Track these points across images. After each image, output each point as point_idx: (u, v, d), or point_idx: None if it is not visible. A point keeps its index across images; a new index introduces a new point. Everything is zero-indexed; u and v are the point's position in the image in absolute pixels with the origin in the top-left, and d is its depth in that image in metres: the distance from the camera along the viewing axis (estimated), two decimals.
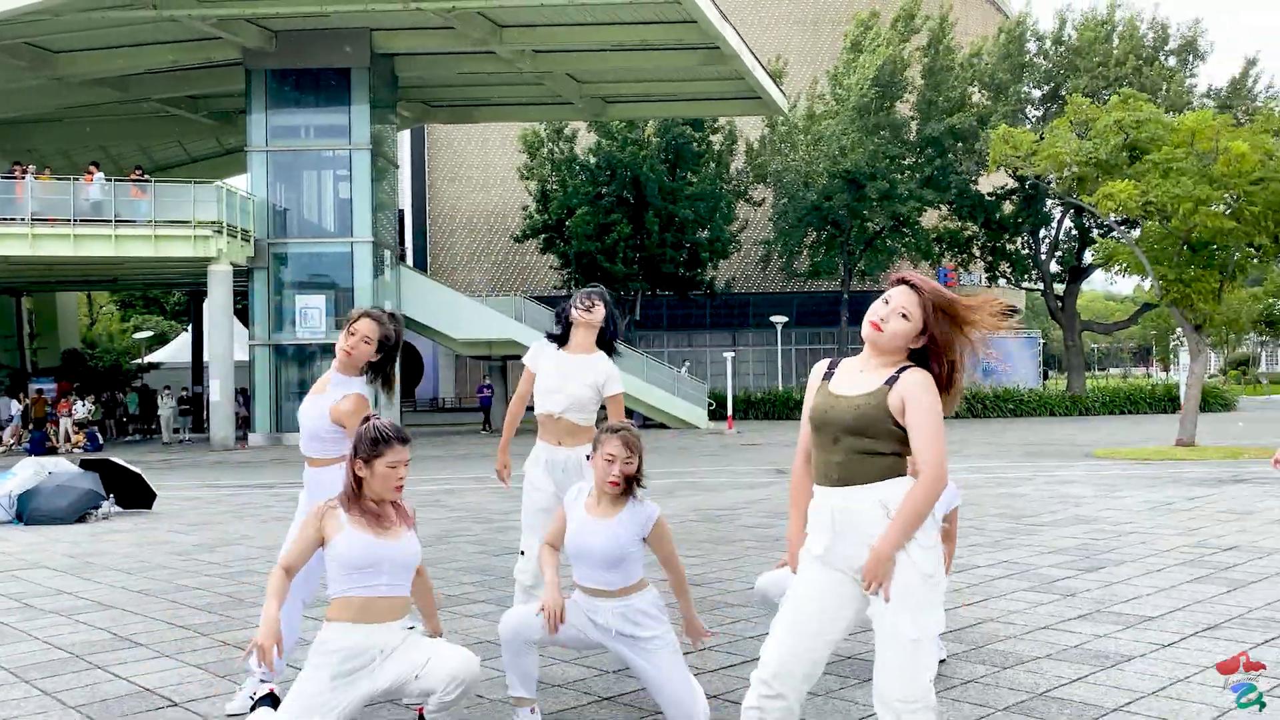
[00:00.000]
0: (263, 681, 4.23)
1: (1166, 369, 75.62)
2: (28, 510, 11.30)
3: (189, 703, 4.58)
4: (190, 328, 39.85)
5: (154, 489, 12.66)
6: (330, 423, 4.34)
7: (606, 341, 4.99)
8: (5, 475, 11.73)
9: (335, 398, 4.36)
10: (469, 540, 9.53)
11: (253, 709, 3.88)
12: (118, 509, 12.13)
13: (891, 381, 3.01)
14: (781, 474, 15.79)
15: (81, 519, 11.44)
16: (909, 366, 3.04)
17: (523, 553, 4.91)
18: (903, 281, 3.09)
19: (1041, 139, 19.38)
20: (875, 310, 3.08)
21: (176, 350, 41.83)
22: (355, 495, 3.66)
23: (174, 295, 54.65)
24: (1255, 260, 19.50)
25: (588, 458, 4.39)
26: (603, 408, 5.01)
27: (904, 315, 3.03)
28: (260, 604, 6.60)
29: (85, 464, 12.34)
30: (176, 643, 5.73)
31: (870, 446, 3.01)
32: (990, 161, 20.43)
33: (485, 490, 14.35)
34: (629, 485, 3.98)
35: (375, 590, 3.59)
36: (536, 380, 4.94)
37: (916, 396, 2.96)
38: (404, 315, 31.71)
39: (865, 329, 3.09)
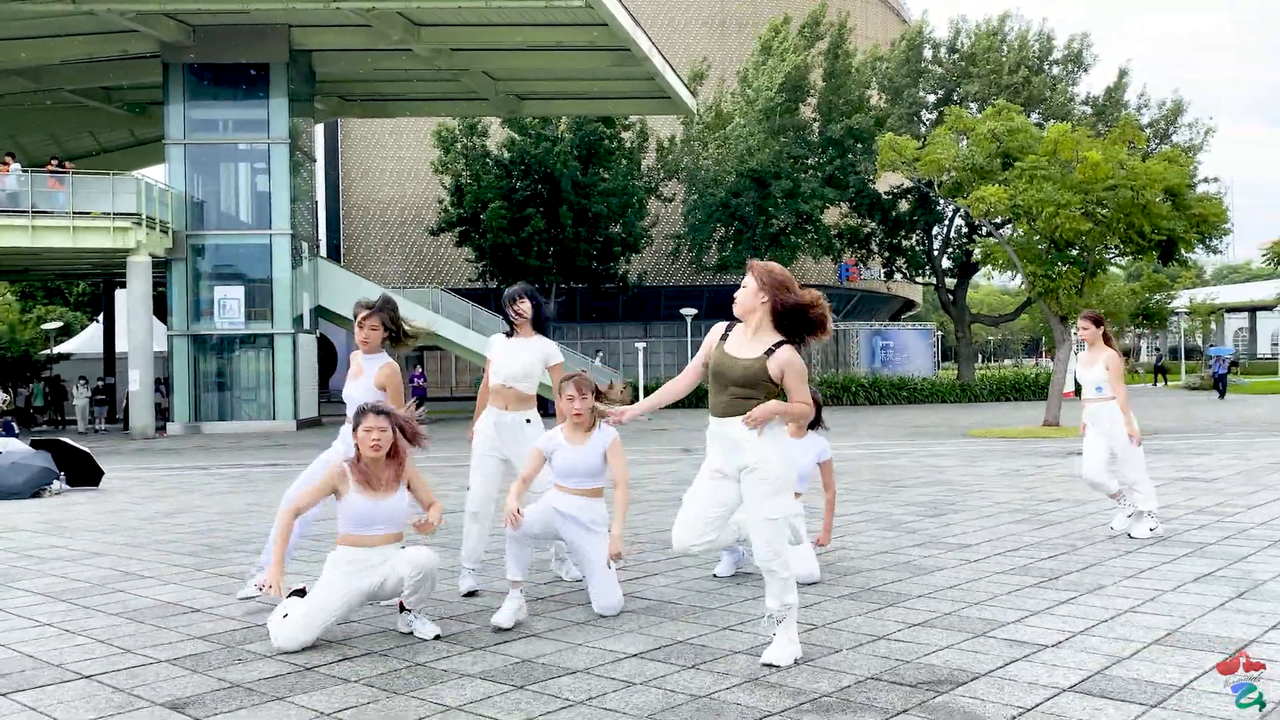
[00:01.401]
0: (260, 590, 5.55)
1: (1053, 358, 79.51)
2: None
3: (209, 608, 5.74)
4: (102, 318, 39.78)
5: (101, 468, 13.51)
6: (378, 390, 5.76)
7: (541, 325, 6.27)
8: None
9: (373, 371, 5.82)
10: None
11: (289, 597, 5.09)
12: (68, 486, 12.97)
13: (769, 353, 4.41)
14: (688, 452, 17.20)
15: (36, 494, 12.27)
16: (783, 343, 4.46)
17: (468, 488, 6.19)
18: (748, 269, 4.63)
19: (924, 145, 21.14)
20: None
21: (87, 341, 41.68)
22: (356, 459, 4.93)
23: (79, 286, 54.00)
24: (1112, 258, 21.52)
25: (527, 420, 5.87)
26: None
27: (744, 285, 4.54)
28: (236, 550, 7.75)
29: (36, 443, 13.12)
30: (177, 574, 6.84)
31: (748, 394, 4.44)
32: (878, 165, 22.15)
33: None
34: (592, 418, 5.35)
35: (373, 532, 5.00)
36: (491, 362, 6.24)
37: (789, 363, 4.43)
38: (320, 306, 32.53)
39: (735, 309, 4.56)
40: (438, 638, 4.95)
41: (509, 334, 6.24)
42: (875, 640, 4.79)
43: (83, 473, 13.24)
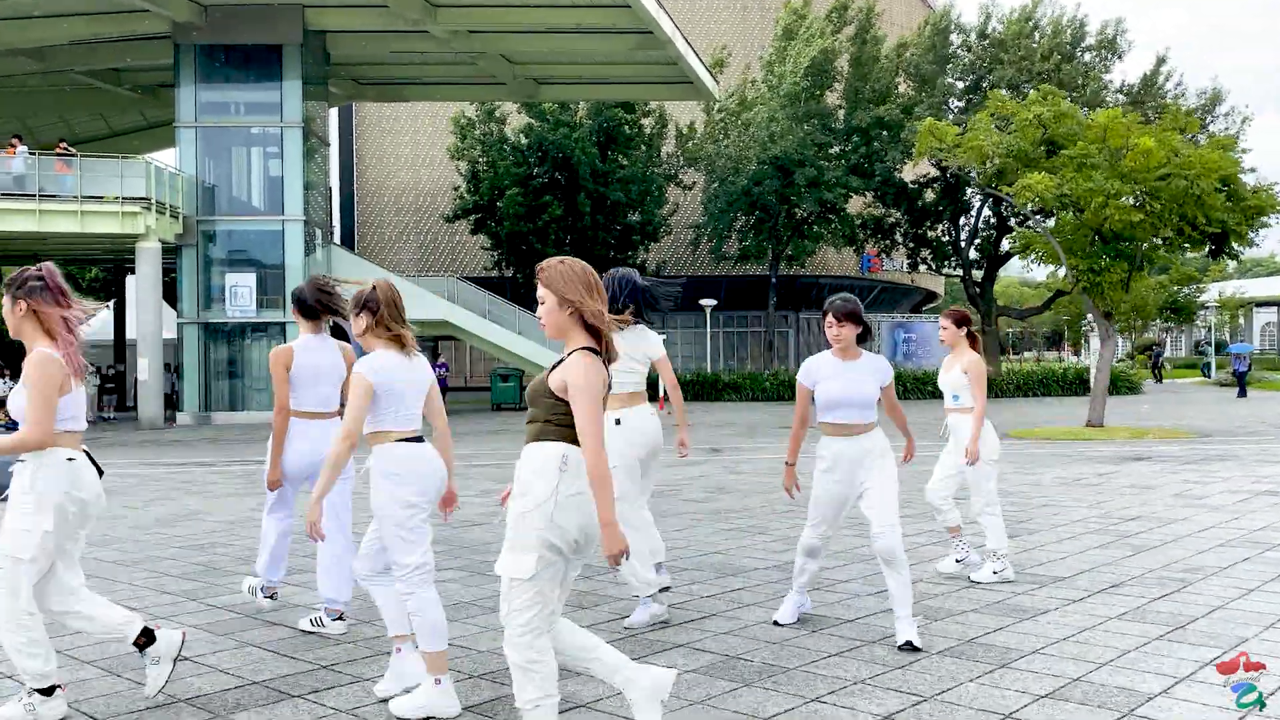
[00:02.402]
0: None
1: (1077, 353, 78.29)
2: None
3: (198, 656, 4.93)
4: (112, 305, 39.13)
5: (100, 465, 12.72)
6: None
7: (638, 311, 5.54)
8: None
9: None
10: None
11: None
12: None
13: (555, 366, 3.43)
14: (715, 453, 16.35)
15: None
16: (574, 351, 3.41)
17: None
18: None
19: (964, 132, 20.19)
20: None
21: (97, 327, 40.89)
22: None
23: (90, 272, 53.36)
24: (1161, 250, 20.56)
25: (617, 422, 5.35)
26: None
27: (541, 301, 3.44)
28: (237, 572, 6.95)
29: None
30: (169, 607, 6.04)
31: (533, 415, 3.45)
32: (916, 152, 21.22)
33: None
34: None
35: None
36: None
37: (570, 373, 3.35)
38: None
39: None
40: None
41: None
42: None
43: None
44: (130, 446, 20.30)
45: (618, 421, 5.44)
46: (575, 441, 3.34)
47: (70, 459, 4.04)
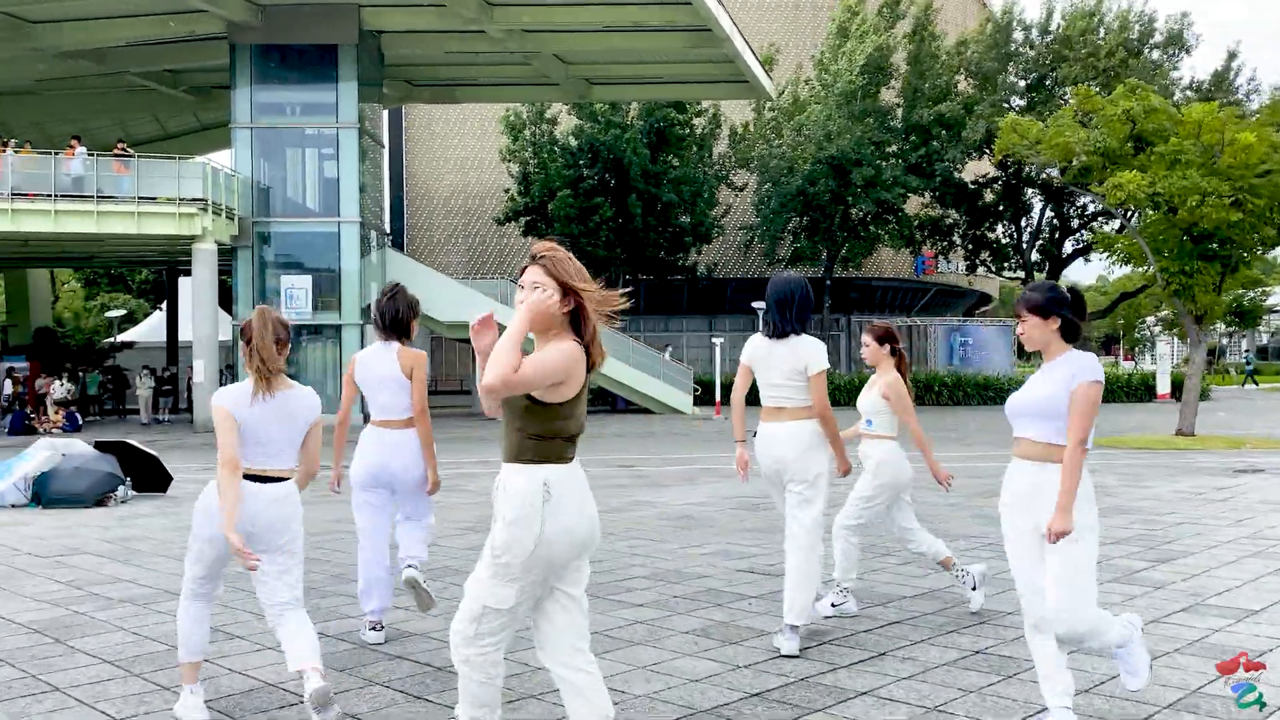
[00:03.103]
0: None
1: (1132, 358, 76.69)
2: (46, 492, 10.99)
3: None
4: (165, 306, 39.18)
5: (170, 472, 12.37)
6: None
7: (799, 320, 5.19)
8: (21, 457, 11.41)
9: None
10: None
11: None
12: (134, 492, 11.83)
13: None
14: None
15: (100, 502, 11.13)
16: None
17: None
18: (531, 259, 3.32)
19: (1047, 129, 19.41)
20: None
21: (150, 329, 41.11)
22: None
23: (141, 273, 53.65)
24: (1260, 252, 19.68)
25: None
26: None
27: (537, 286, 3.23)
28: (337, 593, 6.44)
29: (100, 445, 12.01)
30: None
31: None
32: (997, 149, 20.46)
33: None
34: None
35: None
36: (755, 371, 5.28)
37: None
38: None
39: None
40: None
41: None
42: None
43: (150, 478, 12.11)
44: (189, 450, 20.03)
45: (754, 434, 5.06)
46: (557, 458, 3.16)
47: None
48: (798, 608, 4.96)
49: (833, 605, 5.73)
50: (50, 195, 25.47)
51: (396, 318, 5.29)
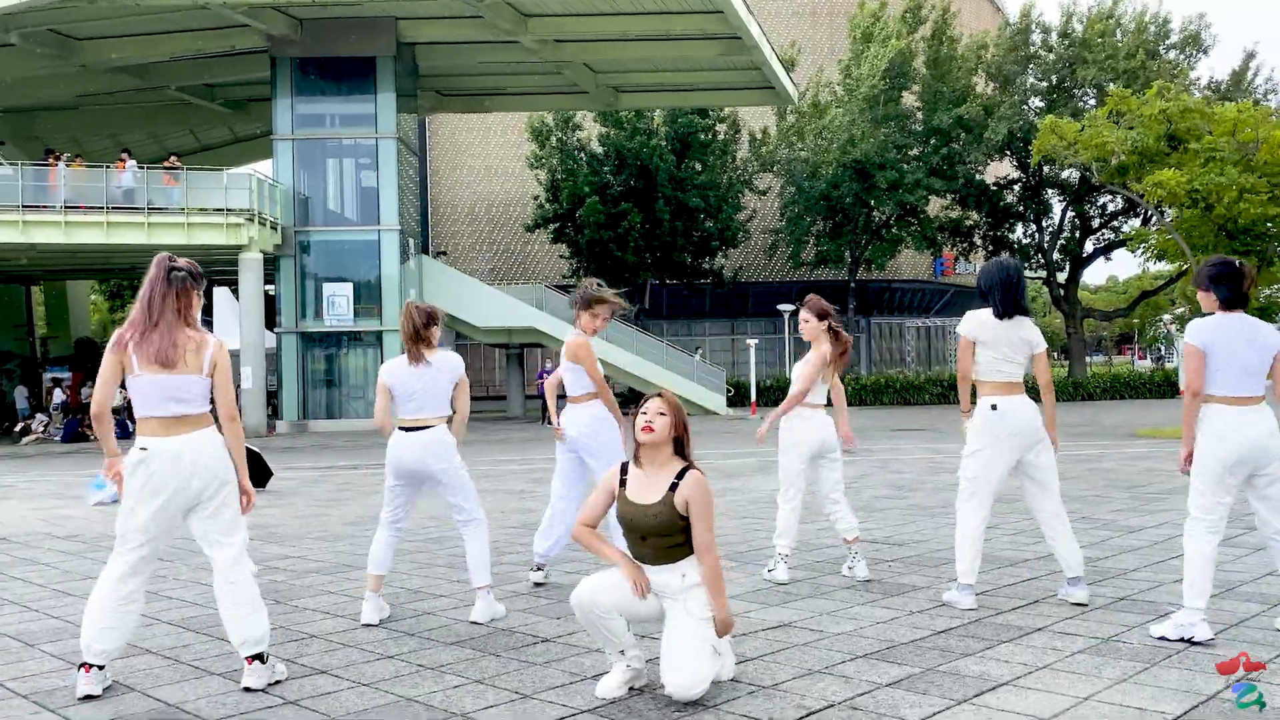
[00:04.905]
0: None
1: (1144, 356, 77.02)
2: None
3: (559, 638, 4.97)
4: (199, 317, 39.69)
5: (270, 468, 12.93)
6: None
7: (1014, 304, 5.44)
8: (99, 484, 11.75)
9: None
10: None
11: None
12: None
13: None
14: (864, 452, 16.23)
15: None
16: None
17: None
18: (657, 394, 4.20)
19: (1083, 130, 19.96)
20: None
21: None
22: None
23: None
24: None
25: None
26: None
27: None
28: (518, 552, 6.92)
29: None
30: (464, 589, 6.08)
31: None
32: (1035, 150, 20.98)
33: None
34: None
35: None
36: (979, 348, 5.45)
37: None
38: None
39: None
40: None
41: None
42: None
43: (251, 473, 12.64)
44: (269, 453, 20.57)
45: (994, 407, 5.33)
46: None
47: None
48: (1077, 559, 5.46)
49: (768, 571, 6.30)
50: (103, 208, 26.11)
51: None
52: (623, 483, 4.13)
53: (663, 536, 4.00)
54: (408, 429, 5.35)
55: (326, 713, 3.93)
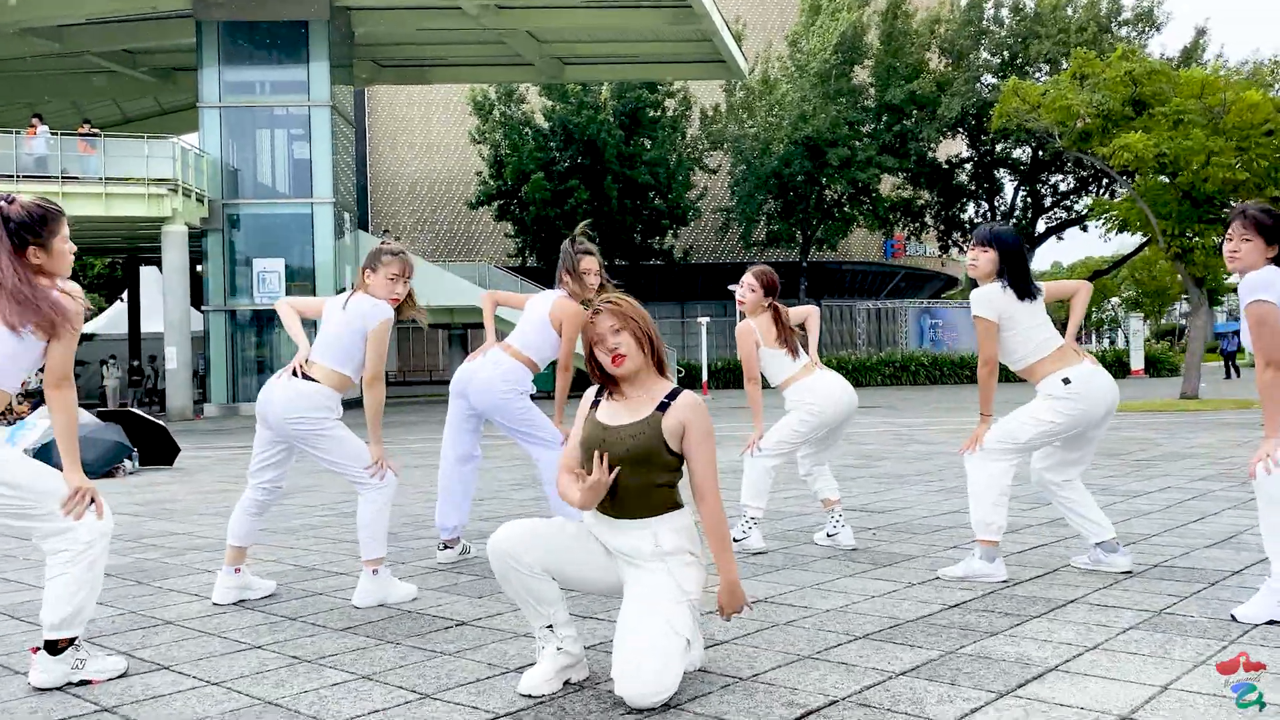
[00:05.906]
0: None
1: (1094, 337, 77.57)
2: (50, 464, 10.29)
3: (476, 620, 3.94)
4: (126, 296, 37.99)
5: (177, 444, 11.74)
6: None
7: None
8: (20, 427, 10.70)
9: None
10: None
11: None
12: (140, 465, 11.19)
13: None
14: None
15: (108, 474, 10.49)
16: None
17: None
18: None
19: (1046, 93, 19.25)
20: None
21: (110, 321, 39.82)
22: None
23: (94, 267, 52.07)
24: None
25: None
26: None
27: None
28: (417, 537, 5.95)
29: (104, 415, 11.35)
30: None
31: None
32: (996, 113, 20.24)
33: None
34: None
35: None
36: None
37: None
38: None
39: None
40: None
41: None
42: None
43: (156, 450, 11.47)
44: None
45: (1066, 381, 4.45)
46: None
47: None
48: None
49: (736, 539, 5.41)
50: (12, 176, 24.41)
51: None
52: (595, 405, 3.14)
53: (638, 467, 3.00)
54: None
55: None
